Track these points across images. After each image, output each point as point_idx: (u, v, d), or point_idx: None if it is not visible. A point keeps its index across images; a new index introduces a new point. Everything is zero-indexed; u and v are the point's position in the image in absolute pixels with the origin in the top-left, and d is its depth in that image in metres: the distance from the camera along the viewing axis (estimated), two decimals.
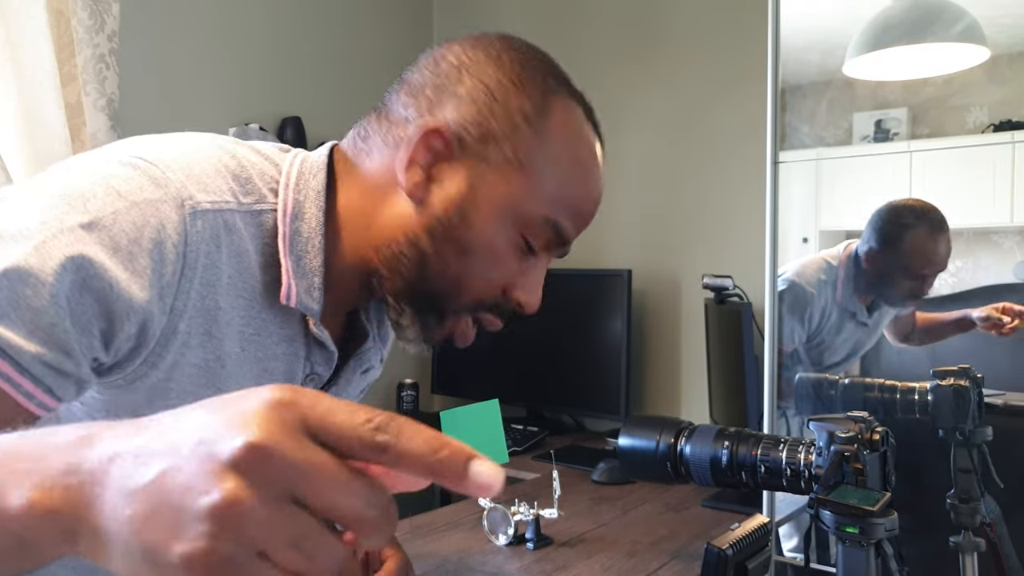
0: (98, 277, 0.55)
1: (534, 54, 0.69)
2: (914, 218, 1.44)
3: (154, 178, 0.59)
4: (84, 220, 0.56)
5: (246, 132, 2.12)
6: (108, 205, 0.57)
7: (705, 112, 2.20)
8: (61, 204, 0.56)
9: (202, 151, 0.65)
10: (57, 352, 0.55)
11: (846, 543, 0.71)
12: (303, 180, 0.67)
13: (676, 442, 0.86)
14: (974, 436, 1.15)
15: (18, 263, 0.53)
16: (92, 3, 1.75)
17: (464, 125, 0.65)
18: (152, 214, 0.58)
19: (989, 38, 1.34)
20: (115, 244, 0.56)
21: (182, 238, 0.59)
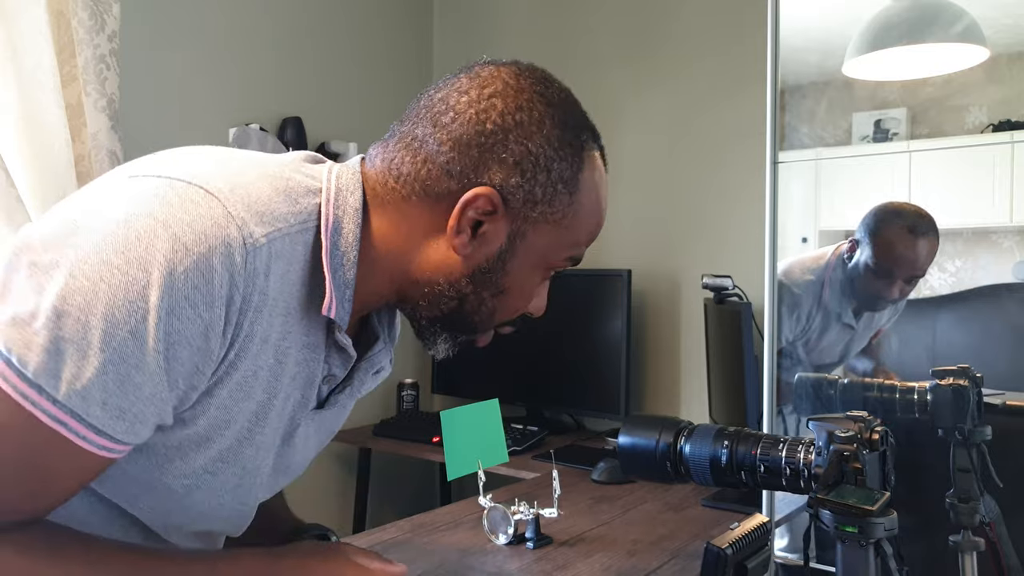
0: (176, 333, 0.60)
1: (569, 107, 0.74)
2: (892, 219, 1.45)
3: (215, 218, 0.60)
4: (151, 283, 0.58)
5: (246, 132, 2.12)
6: (173, 264, 0.58)
7: (705, 112, 2.20)
8: (128, 268, 0.57)
9: (253, 172, 0.67)
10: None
11: (845, 543, 0.71)
12: (341, 197, 0.71)
13: (676, 441, 0.86)
14: (973, 436, 1.15)
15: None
16: (92, 3, 1.75)
17: (510, 190, 0.70)
18: (216, 266, 0.60)
19: (989, 38, 1.34)
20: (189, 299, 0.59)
21: (242, 278, 0.62)
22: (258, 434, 0.72)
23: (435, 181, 0.70)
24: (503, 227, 0.71)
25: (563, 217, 0.73)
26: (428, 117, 0.72)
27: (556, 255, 0.75)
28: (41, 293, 0.56)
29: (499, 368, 2.40)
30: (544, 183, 0.71)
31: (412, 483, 2.75)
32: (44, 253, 0.58)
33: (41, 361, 0.56)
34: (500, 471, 1.90)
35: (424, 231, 0.72)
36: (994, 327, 1.41)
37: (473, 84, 0.71)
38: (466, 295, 0.73)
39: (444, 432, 1.12)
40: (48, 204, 1.71)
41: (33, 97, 1.70)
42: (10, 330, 0.57)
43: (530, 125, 0.70)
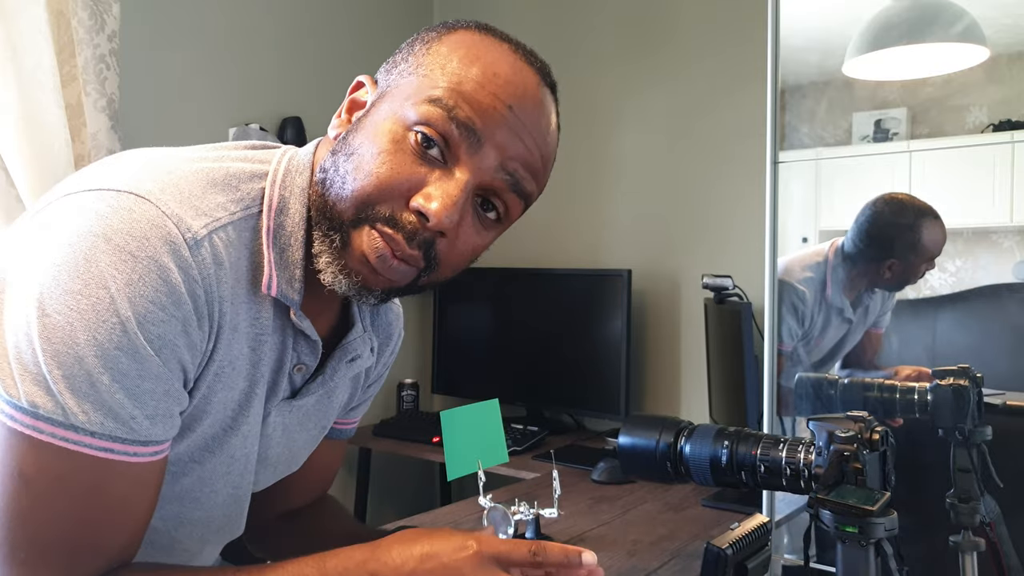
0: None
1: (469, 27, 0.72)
2: (902, 205, 1.45)
3: (150, 219, 0.60)
4: (115, 297, 0.59)
5: (246, 132, 2.12)
6: (126, 273, 0.59)
7: (705, 112, 2.20)
8: (88, 290, 0.58)
9: (186, 167, 0.66)
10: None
11: (846, 543, 0.71)
12: (289, 177, 0.71)
13: (676, 441, 0.86)
14: (974, 436, 1.15)
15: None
16: (92, 3, 1.75)
17: (380, 73, 0.73)
18: (167, 264, 0.60)
19: (989, 38, 1.34)
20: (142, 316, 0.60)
21: (196, 271, 0.62)
22: (243, 423, 0.73)
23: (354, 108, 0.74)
24: (366, 104, 0.72)
25: (414, 71, 0.69)
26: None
27: (411, 104, 0.67)
28: (30, 340, 0.58)
29: (499, 368, 2.40)
30: (404, 52, 0.72)
31: (412, 483, 2.75)
32: (17, 293, 0.60)
33: (62, 404, 0.58)
34: (500, 471, 1.90)
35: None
36: (994, 327, 1.41)
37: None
38: (327, 173, 0.69)
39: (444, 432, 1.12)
40: None
41: (33, 97, 1.70)
42: (26, 384, 0.59)
43: (428, 40, 0.71)
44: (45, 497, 0.60)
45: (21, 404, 0.59)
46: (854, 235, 1.46)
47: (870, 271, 1.48)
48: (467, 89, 0.66)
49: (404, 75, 0.69)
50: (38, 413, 0.58)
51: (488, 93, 0.66)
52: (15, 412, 0.59)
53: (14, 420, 0.59)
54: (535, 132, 0.70)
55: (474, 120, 0.66)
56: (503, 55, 0.69)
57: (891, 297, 1.46)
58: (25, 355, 0.59)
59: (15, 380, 0.59)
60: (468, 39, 0.69)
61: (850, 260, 1.47)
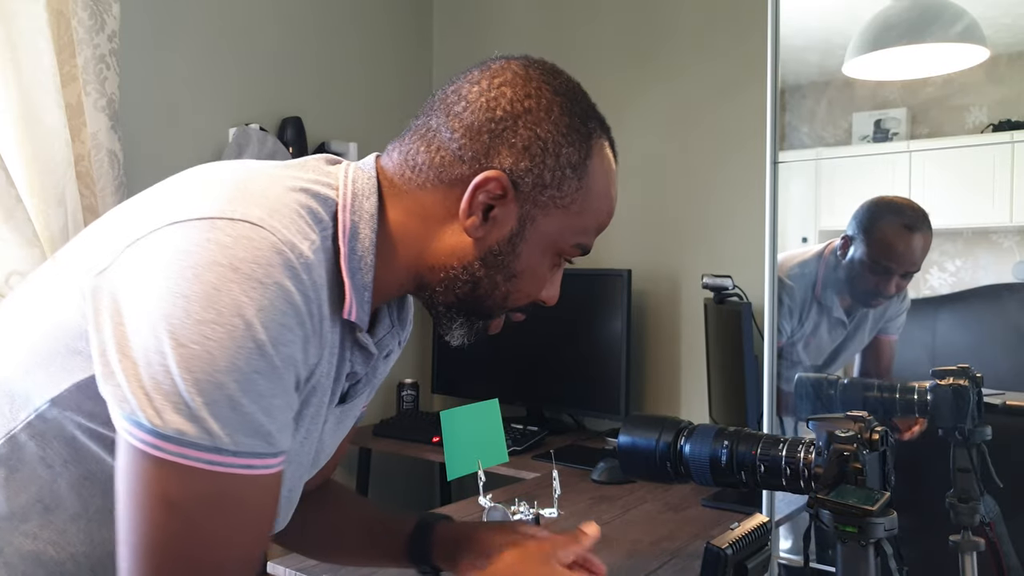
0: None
1: (576, 96, 0.77)
2: (887, 212, 1.45)
3: (271, 246, 0.62)
4: (251, 323, 0.61)
5: (246, 132, 2.12)
6: (258, 301, 0.61)
7: (705, 112, 2.20)
8: (223, 319, 0.60)
9: (276, 190, 0.68)
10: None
11: (845, 543, 0.71)
12: (357, 202, 0.73)
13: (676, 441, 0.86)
14: (973, 436, 1.15)
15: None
16: (92, 3, 1.75)
17: (519, 174, 0.73)
18: (291, 288, 0.63)
19: (989, 38, 1.34)
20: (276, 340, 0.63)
21: (312, 292, 0.66)
22: (314, 431, 0.77)
23: (448, 167, 0.74)
24: (513, 210, 0.74)
25: (572, 202, 0.75)
26: (442, 108, 0.75)
27: (565, 241, 0.77)
28: (167, 370, 0.60)
29: (499, 368, 2.40)
30: (552, 167, 0.73)
31: (412, 483, 2.75)
32: (139, 325, 0.61)
33: (208, 428, 0.60)
34: (500, 471, 1.90)
35: (439, 218, 0.75)
36: (994, 327, 1.41)
37: (484, 75, 0.75)
38: (479, 279, 0.76)
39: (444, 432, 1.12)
40: (48, 204, 1.72)
41: (33, 97, 1.70)
42: (168, 413, 0.60)
43: (538, 111, 0.73)
44: (194, 520, 0.62)
45: (166, 432, 0.60)
46: (842, 242, 1.47)
47: (853, 277, 1.49)
48: (605, 224, 0.80)
49: (557, 203, 0.75)
50: (184, 440, 0.60)
51: (609, 218, 0.80)
52: (159, 440, 0.60)
53: (159, 449, 0.60)
54: None
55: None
56: (616, 178, 0.80)
57: (902, 301, 1.45)
58: (164, 385, 0.60)
59: (156, 410, 0.60)
60: (605, 165, 0.78)
61: (842, 262, 1.47)
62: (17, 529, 0.69)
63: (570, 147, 0.74)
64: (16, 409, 0.68)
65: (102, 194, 1.79)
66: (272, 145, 2.14)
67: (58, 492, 0.69)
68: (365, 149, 2.46)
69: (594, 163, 0.76)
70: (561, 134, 0.74)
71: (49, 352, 0.66)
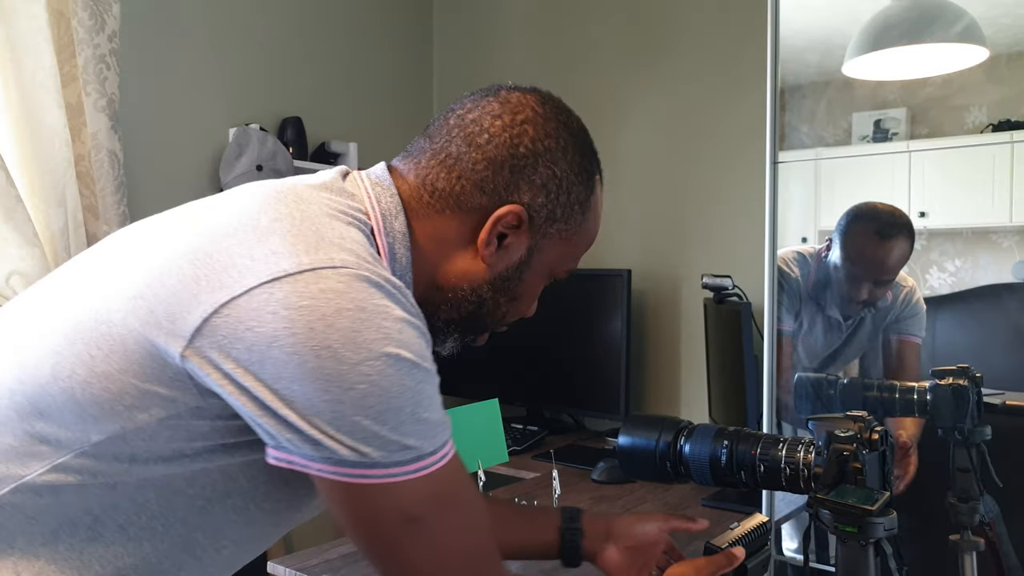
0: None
1: (584, 136, 0.83)
2: (862, 218, 1.45)
3: (376, 281, 0.66)
4: (399, 354, 0.65)
5: (246, 132, 2.12)
6: (397, 332, 0.65)
7: (705, 112, 2.20)
8: (371, 354, 0.63)
9: (341, 223, 0.71)
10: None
11: (845, 542, 0.71)
12: (387, 222, 0.76)
13: (676, 441, 0.86)
14: (973, 436, 1.16)
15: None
16: (92, 3, 1.75)
17: (535, 208, 0.78)
18: (407, 320, 0.67)
19: (988, 38, 1.34)
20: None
21: (419, 313, 0.70)
22: None
23: (468, 196, 0.77)
24: (524, 240, 0.79)
25: (574, 234, 0.82)
26: (462, 136, 0.78)
27: (560, 266, 0.84)
28: (349, 418, 0.63)
29: (499, 368, 2.40)
30: (564, 204, 0.79)
31: None
32: (302, 392, 0.63)
33: (411, 444, 0.65)
34: (500, 471, 1.90)
35: (454, 242, 0.79)
36: (994, 327, 1.41)
37: (505, 109, 0.78)
38: (485, 300, 0.81)
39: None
40: (48, 204, 1.72)
41: (33, 97, 1.70)
42: (373, 448, 0.64)
43: (556, 151, 0.78)
44: (441, 521, 0.68)
45: (378, 461, 0.64)
46: (826, 241, 1.47)
47: (834, 280, 1.49)
48: (587, 250, 0.87)
49: (562, 235, 0.81)
50: (389, 461, 0.64)
51: (590, 246, 0.87)
52: (367, 470, 0.64)
53: (383, 476, 0.64)
54: None
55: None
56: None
57: (910, 304, 1.44)
58: (350, 428, 0.63)
59: (351, 448, 0.63)
60: (598, 198, 0.85)
61: (834, 272, 1.48)
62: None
63: (580, 185, 0.80)
64: (56, 447, 0.66)
65: (102, 194, 1.80)
66: (272, 145, 2.14)
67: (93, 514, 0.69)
68: (365, 149, 2.46)
69: (594, 198, 0.83)
70: (574, 173, 0.80)
71: (93, 401, 0.65)
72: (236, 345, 0.62)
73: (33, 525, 0.67)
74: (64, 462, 0.66)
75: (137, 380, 0.64)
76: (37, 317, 0.70)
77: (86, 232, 1.80)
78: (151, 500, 0.69)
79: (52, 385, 0.65)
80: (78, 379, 0.64)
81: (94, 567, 0.69)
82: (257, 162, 2.09)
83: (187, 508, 0.71)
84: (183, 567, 0.73)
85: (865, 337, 1.48)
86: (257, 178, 2.08)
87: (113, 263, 0.70)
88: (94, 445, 0.65)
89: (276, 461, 0.65)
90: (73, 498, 0.67)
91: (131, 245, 0.71)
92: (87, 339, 0.65)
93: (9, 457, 0.66)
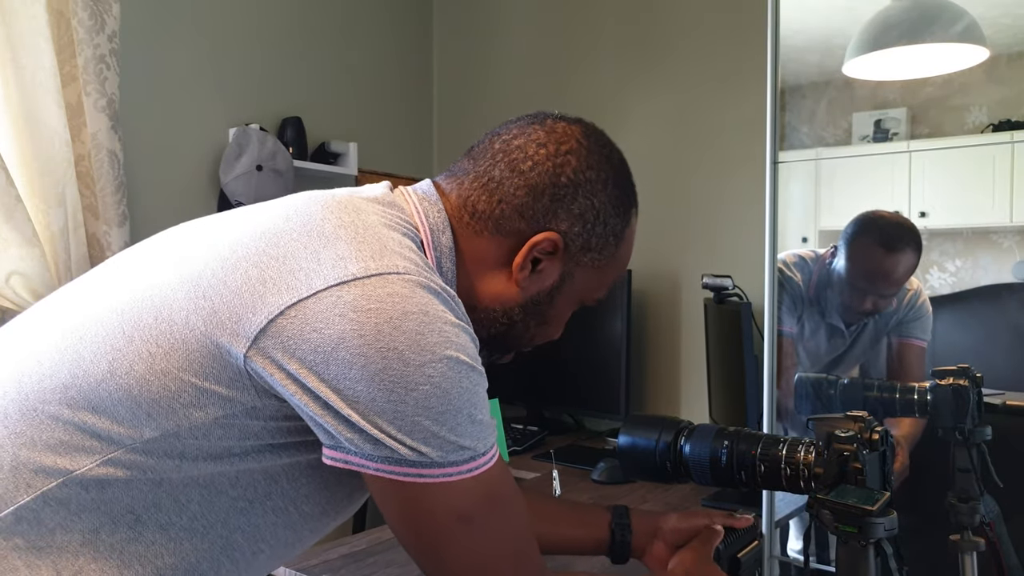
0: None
1: (623, 169, 0.86)
2: (868, 229, 1.44)
3: (434, 290, 0.69)
4: (456, 356, 0.68)
5: (246, 132, 2.12)
6: (456, 336, 0.68)
7: (705, 112, 2.20)
8: (435, 356, 0.66)
9: (396, 235, 0.72)
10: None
11: (846, 543, 0.71)
12: (435, 236, 0.79)
13: (676, 441, 0.86)
14: (973, 436, 1.15)
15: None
16: (92, 3, 1.75)
17: (571, 237, 0.80)
18: (462, 326, 0.70)
19: (989, 38, 1.34)
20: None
21: (466, 319, 0.73)
22: None
23: (507, 220, 0.79)
24: (558, 267, 0.81)
25: (606, 264, 0.83)
26: (505, 162, 0.79)
27: (590, 294, 0.86)
28: (410, 417, 0.65)
29: (499, 368, 2.40)
30: (600, 234, 0.81)
31: None
32: (367, 391, 0.64)
33: (464, 444, 0.68)
34: None
35: (490, 263, 0.81)
36: (994, 327, 1.41)
37: (550, 139, 0.80)
38: (516, 322, 0.83)
39: None
40: (48, 204, 1.72)
41: (33, 97, 1.70)
42: (431, 448, 0.66)
43: (596, 183, 0.80)
44: (490, 519, 0.71)
45: (435, 461, 0.66)
46: (831, 248, 1.47)
47: (837, 288, 1.48)
48: (619, 278, 0.89)
49: (595, 264, 0.83)
50: (446, 461, 0.67)
51: (622, 276, 0.88)
52: (425, 470, 0.66)
53: (439, 476, 0.67)
54: None
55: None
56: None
57: (915, 307, 1.44)
58: (410, 428, 0.65)
59: (411, 448, 0.65)
60: (633, 230, 0.88)
61: (839, 280, 1.47)
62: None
63: (616, 217, 0.83)
64: (100, 442, 0.66)
65: (102, 194, 1.80)
66: (272, 145, 2.14)
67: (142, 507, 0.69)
68: (365, 149, 2.46)
69: (628, 230, 0.86)
70: (612, 205, 0.82)
71: (151, 398, 0.65)
72: (302, 346, 0.63)
73: (75, 522, 0.67)
74: (114, 457, 0.66)
75: (197, 379, 0.65)
76: (94, 311, 0.70)
77: (86, 232, 1.80)
78: (194, 500, 0.70)
79: (109, 381, 0.65)
80: (136, 375, 0.65)
81: (134, 566, 0.69)
82: (257, 162, 2.09)
83: (229, 508, 0.71)
84: (220, 569, 0.74)
85: (868, 342, 1.48)
86: (257, 178, 2.08)
87: (173, 261, 0.71)
88: (146, 442, 0.66)
89: (332, 461, 0.67)
90: (119, 494, 0.67)
91: (189, 243, 0.72)
92: (147, 336, 0.66)
93: (58, 451, 0.66)
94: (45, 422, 0.67)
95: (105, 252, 1.81)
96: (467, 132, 2.71)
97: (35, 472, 0.66)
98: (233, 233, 0.71)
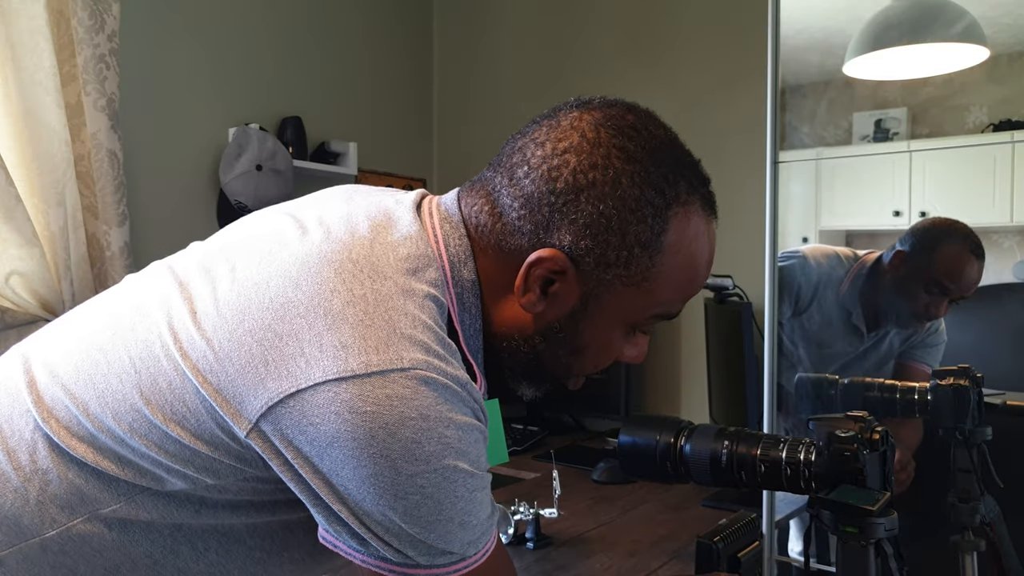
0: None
1: (657, 159, 0.69)
2: (953, 234, 1.42)
3: (444, 381, 0.63)
4: (457, 464, 0.64)
5: (246, 132, 2.12)
6: (456, 439, 0.63)
7: (705, 112, 2.20)
8: (442, 463, 0.63)
9: (412, 306, 0.64)
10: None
11: (846, 543, 0.71)
12: (456, 272, 0.70)
13: (676, 441, 0.86)
14: (974, 436, 1.15)
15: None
16: (92, 3, 1.75)
17: (580, 252, 0.67)
18: (468, 424, 0.65)
19: (989, 38, 1.34)
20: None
21: (479, 408, 0.68)
22: None
23: (507, 236, 0.69)
24: (575, 288, 0.68)
25: (644, 280, 0.68)
26: (507, 167, 0.69)
27: (638, 315, 0.71)
28: (398, 524, 0.63)
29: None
30: (617, 246, 0.67)
31: None
32: (357, 491, 0.62)
33: (451, 551, 0.65)
34: (500, 471, 1.89)
35: (500, 286, 0.70)
36: (994, 327, 1.41)
37: (550, 136, 0.68)
38: (541, 352, 0.72)
39: None
40: (48, 204, 1.71)
41: (33, 97, 1.70)
42: (415, 552, 0.64)
43: (603, 185, 0.66)
44: None
45: (421, 564, 0.65)
46: (894, 256, 1.44)
47: (902, 295, 1.46)
48: (692, 292, 0.72)
49: (625, 281, 0.68)
50: (440, 563, 0.65)
51: (701, 285, 0.73)
52: (412, 570, 0.65)
53: (426, 574, 0.65)
54: None
55: (682, 307, 0.74)
56: (710, 239, 0.72)
57: (932, 333, 1.43)
58: (398, 533, 0.63)
59: (397, 550, 0.64)
60: (690, 234, 0.69)
61: (886, 276, 1.45)
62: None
63: (639, 224, 0.66)
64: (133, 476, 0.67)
65: (102, 194, 1.79)
66: (272, 145, 2.14)
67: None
68: (365, 149, 2.46)
69: (671, 237, 0.68)
70: (629, 210, 0.66)
71: (167, 459, 0.65)
72: (298, 436, 0.61)
73: (96, 559, 0.68)
74: (138, 499, 0.67)
75: (207, 449, 0.65)
76: (116, 356, 0.67)
77: (86, 232, 1.80)
78: (212, 548, 0.70)
79: (131, 440, 0.65)
80: (154, 440, 0.65)
81: None
82: (257, 162, 2.09)
83: (246, 558, 0.72)
84: None
85: (882, 350, 1.47)
86: (257, 178, 2.08)
87: (187, 312, 0.66)
88: (168, 492, 0.67)
89: (325, 542, 0.66)
90: (139, 536, 0.68)
91: (202, 290, 0.67)
92: (161, 402, 0.64)
93: (84, 488, 0.66)
94: (73, 459, 0.67)
95: (105, 252, 1.81)
96: (467, 132, 2.71)
97: (60, 508, 0.67)
98: (246, 283, 0.65)
